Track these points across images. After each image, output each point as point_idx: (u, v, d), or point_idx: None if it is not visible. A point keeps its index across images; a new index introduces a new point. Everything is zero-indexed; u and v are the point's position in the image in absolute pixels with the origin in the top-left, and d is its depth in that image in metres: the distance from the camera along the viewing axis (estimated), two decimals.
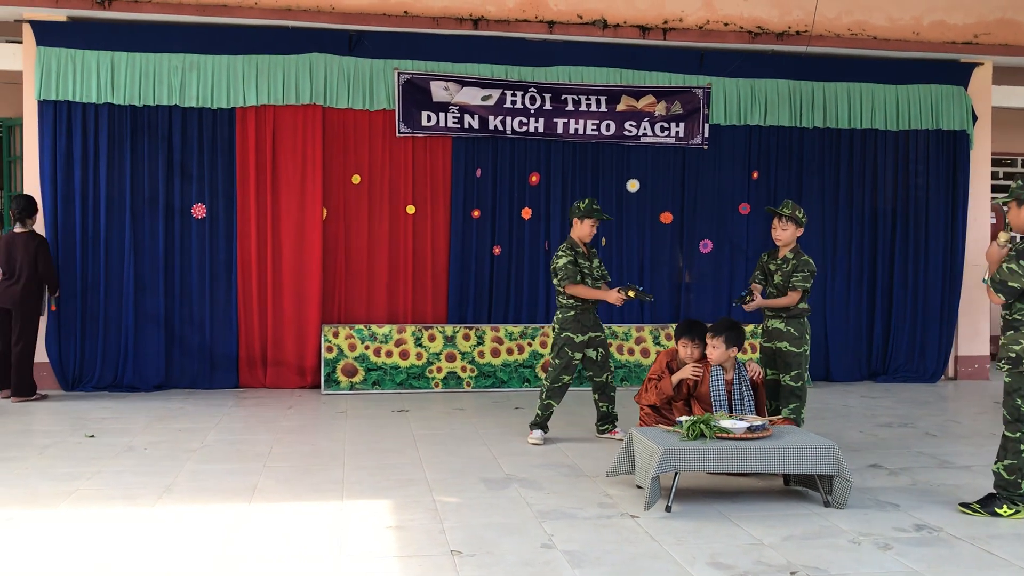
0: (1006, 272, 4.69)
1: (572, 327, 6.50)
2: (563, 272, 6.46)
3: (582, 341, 6.52)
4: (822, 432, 6.38)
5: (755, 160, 9.48)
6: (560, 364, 6.52)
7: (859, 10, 9.32)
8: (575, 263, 6.46)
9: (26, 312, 7.90)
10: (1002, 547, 4.33)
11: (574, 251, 6.53)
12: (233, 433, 6.75)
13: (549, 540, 4.37)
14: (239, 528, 4.52)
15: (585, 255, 6.59)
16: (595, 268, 6.63)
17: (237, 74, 8.48)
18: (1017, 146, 11.75)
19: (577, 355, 6.52)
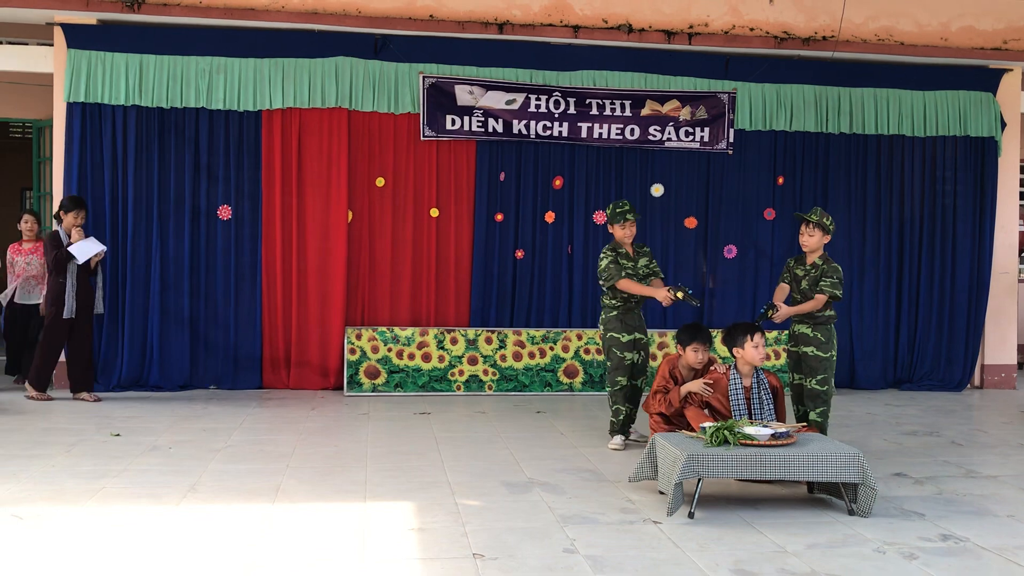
0: None
1: (616, 327, 6.51)
2: (607, 272, 6.49)
3: (629, 340, 6.50)
4: (847, 440, 6.34)
5: (780, 165, 9.44)
6: (612, 366, 6.52)
7: (886, 16, 9.26)
8: (616, 262, 6.49)
9: (44, 311, 8.03)
10: None
11: (615, 252, 6.56)
12: (257, 433, 6.79)
13: (571, 545, 4.36)
14: (262, 528, 4.54)
15: (628, 255, 6.60)
16: (640, 267, 6.62)
17: (263, 77, 8.55)
18: None
19: (628, 354, 6.48)
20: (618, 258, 6.53)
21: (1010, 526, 4.77)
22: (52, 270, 7.74)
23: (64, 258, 7.67)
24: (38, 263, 8.61)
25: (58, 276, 7.70)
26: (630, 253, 6.63)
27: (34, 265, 8.64)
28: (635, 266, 6.59)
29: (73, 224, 7.76)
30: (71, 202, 7.86)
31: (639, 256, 6.67)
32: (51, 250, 7.72)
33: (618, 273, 6.46)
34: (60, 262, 7.67)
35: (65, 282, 7.69)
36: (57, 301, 7.70)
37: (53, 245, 7.73)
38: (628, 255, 6.60)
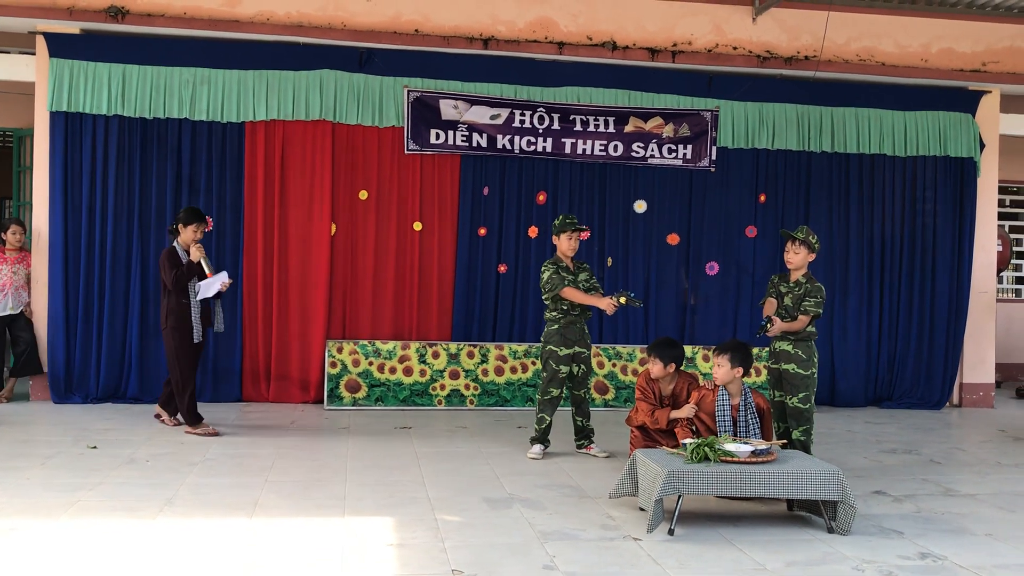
0: None
1: (555, 340, 6.61)
2: (550, 282, 6.59)
3: (567, 355, 6.60)
4: (826, 457, 6.36)
5: (762, 183, 9.50)
6: (547, 377, 6.65)
7: (867, 36, 9.36)
8: (558, 273, 6.58)
9: (165, 336, 7.11)
10: None
11: (556, 265, 6.65)
12: (236, 447, 6.73)
13: (551, 561, 4.34)
14: (239, 543, 4.50)
15: (569, 269, 6.68)
16: (582, 282, 6.70)
17: (247, 89, 8.54)
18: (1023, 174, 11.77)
19: (563, 368, 6.61)
20: (559, 271, 6.62)
21: (988, 545, 4.79)
22: (172, 290, 6.93)
23: (185, 278, 6.92)
24: (24, 272, 8.51)
25: (180, 297, 6.92)
26: (570, 267, 6.71)
27: (20, 275, 8.53)
28: (575, 280, 6.67)
29: (192, 239, 7.01)
30: (190, 215, 7.07)
31: (579, 271, 6.76)
32: (169, 269, 6.89)
33: (561, 282, 6.55)
34: (181, 281, 6.90)
35: (188, 303, 6.95)
36: (182, 324, 6.94)
37: (172, 263, 6.92)
38: (568, 268, 6.69)
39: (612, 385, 8.94)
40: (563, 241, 6.69)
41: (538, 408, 6.69)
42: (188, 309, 6.96)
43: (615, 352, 8.96)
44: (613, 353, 8.95)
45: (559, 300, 6.61)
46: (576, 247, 6.72)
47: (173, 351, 6.98)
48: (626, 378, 8.98)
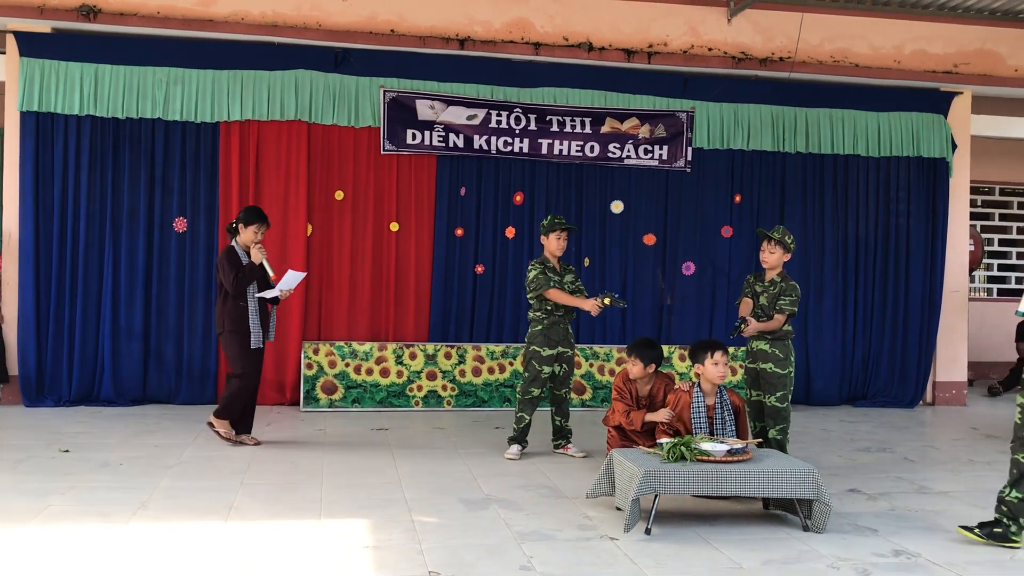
0: None
1: (539, 341, 6.61)
2: (536, 282, 6.60)
3: (550, 355, 6.60)
4: (802, 456, 6.40)
5: (737, 184, 9.54)
6: (528, 377, 6.65)
7: (841, 38, 9.43)
8: (544, 273, 6.59)
9: (224, 340, 6.73)
10: (979, 573, 4.34)
11: (543, 265, 6.66)
12: (210, 449, 6.67)
13: (528, 562, 4.33)
14: (214, 547, 4.46)
15: (556, 270, 6.68)
16: (567, 283, 6.72)
17: (222, 89, 8.48)
18: (995, 175, 11.91)
19: (546, 368, 6.61)
20: (546, 271, 6.63)
21: (961, 541, 4.83)
22: (230, 293, 6.57)
23: (246, 280, 6.59)
24: None
25: (238, 300, 6.59)
26: (557, 268, 6.72)
27: None
28: (561, 281, 6.68)
29: (253, 240, 6.69)
30: (251, 214, 6.76)
31: (565, 272, 6.78)
32: (229, 270, 6.52)
33: (546, 283, 6.57)
34: (242, 284, 6.57)
35: (247, 307, 6.60)
36: (240, 328, 6.59)
37: (232, 264, 6.56)
38: (555, 269, 6.70)
39: (589, 385, 8.95)
40: (551, 241, 6.69)
41: (518, 407, 6.69)
42: (246, 313, 6.62)
43: (592, 352, 8.98)
44: (591, 353, 8.96)
45: (543, 300, 6.62)
46: (564, 247, 6.73)
47: (237, 351, 6.61)
48: (603, 378, 8.99)
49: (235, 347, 6.62)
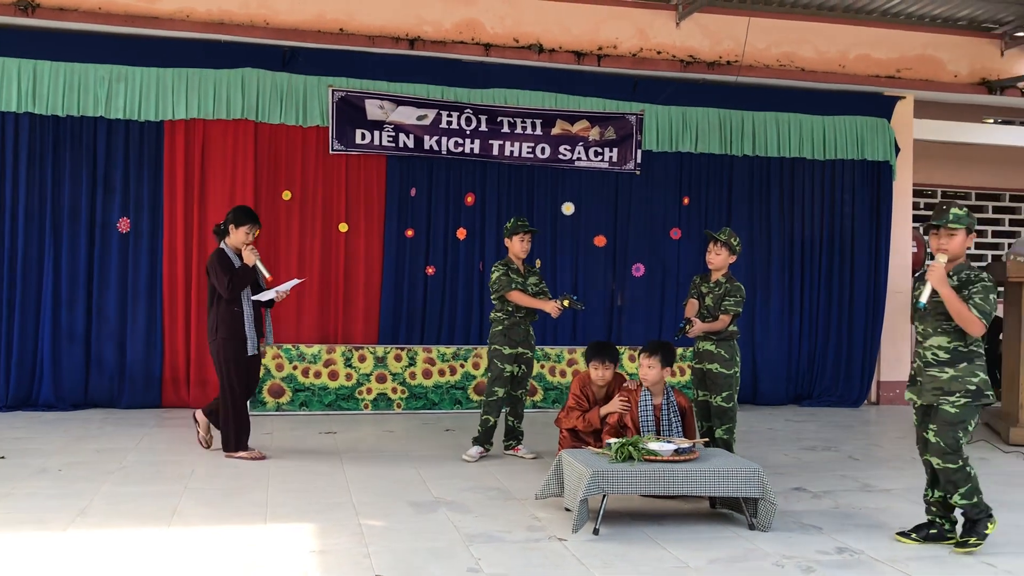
0: (991, 303, 4.54)
1: (500, 340, 6.63)
2: (498, 283, 6.61)
3: (511, 354, 6.61)
4: (748, 455, 6.45)
5: (686, 186, 9.62)
6: (492, 377, 6.64)
7: (788, 42, 9.57)
8: (507, 275, 6.60)
9: (215, 348, 6.38)
10: (920, 569, 4.41)
11: (507, 266, 6.68)
12: (154, 454, 6.55)
13: (476, 564, 4.31)
14: (155, 553, 4.37)
15: (520, 272, 6.70)
16: (531, 285, 6.72)
17: (166, 87, 8.33)
18: (936, 178, 12.14)
19: (508, 366, 6.60)
20: (509, 272, 6.64)
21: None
22: (223, 298, 6.27)
23: (241, 283, 6.28)
24: None
25: (232, 305, 6.28)
26: (521, 269, 6.75)
27: None
28: (524, 283, 6.70)
29: (245, 242, 6.38)
30: (242, 215, 6.44)
31: (529, 274, 6.80)
32: (222, 274, 6.22)
33: (508, 284, 6.58)
34: (237, 288, 6.26)
35: (242, 312, 6.30)
36: (235, 335, 6.29)
37: (224, 267, 6.26)
38: (519, 271, 6.72)
39: (541, 386, 8.95)
40: (515, 243, 6.71)
41: (483, 409, 6.66)
42: (241, 318, 6.29)
43: (544, 354, 8.98)
44: (542, 355, 8.96)
45: (505, 301, 6.64)
46: (528, 248, 6.74)
47: (223, 364, 6.30)
48: (554, 379, 9.00)
49: (228, 354, 6.29)
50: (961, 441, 4.62)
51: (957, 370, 4.62)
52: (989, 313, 4.53)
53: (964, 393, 4.60)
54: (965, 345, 4.63)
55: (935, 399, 4.65)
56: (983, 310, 4.52)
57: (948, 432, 4.62)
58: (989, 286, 4.57)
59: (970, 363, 4.62)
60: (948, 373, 4.63)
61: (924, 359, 4.73)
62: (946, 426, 4.62)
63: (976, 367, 4.62)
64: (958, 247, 4.66)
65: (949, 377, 4.62)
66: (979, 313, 4.51)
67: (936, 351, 4.67)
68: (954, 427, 4.61)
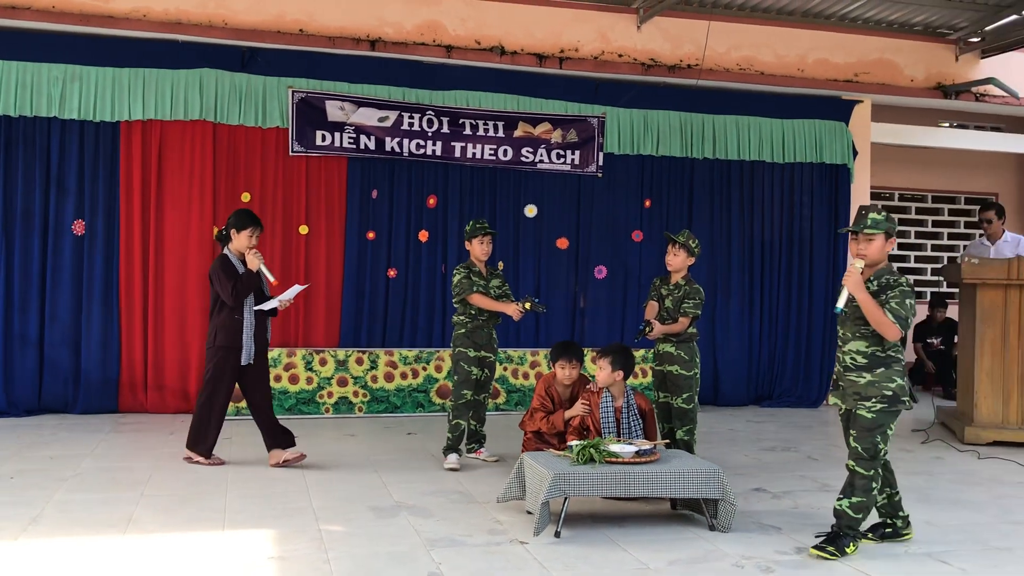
0: (908, 308, 4.48)
1: (463, 343, 6.57)
2: (459, 286, 6.56)
3: (475, 356, 6.56)
4: (709, 456, 6.49)
5: (647, 189, 9.67)
6: (459, 380, 6.55)
7: (747, 46, 9.65)
8: (469, 278, 6.55)
9: (210, 355, 6.27)
10: (876, 568, 4.46)
11: (469, 269, 6.63)
12: (110, 460, 6.44)
13: (437, 568, 4.29)
14: (109, 562, 4.29)
15: (482, 275, 6.66)
16: (493, 287, 6.69)
17: (122, 87, 8.21)
18: (893, 181, 12.34)
19: (474, 369, 6.54)
20: (471, 275, 6.60)
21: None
22: (226, 305, 6.14)
23: (245, 290, 6.13)
24: None
25: (233, 313, 6.13)
26: (483, 272, 6.70)
27: None
28: (487, 285, 6.66)
29: (248, 245, 6.23)
30: (243, 218, 6.28)
31: (492, 277, 6.75)
32: (225, 280, 6.08)
33: (470, 287, 6.54)
34: (241, 295, 6.11)
35: (242, 320, 6.14)
36: (232, 343, 6.14)
37: (228, 274, 6.12)
38: (481, 274, 6.67)
39: (503, 389, 8.94)
40: (475, 246, 6.65)
41: (452, 414, 6.54)
42: (240, 326, 6.15)
43: (507, 356, 8.97)
44: (505, 357, 8.95)
45: (467, 305, 6.58)
46: (488, 251, 6.68)
47: (214, 368, 6.19)
48: (517, 382, 8.99)
49: (220, 362, 6.17)
50: (880, 447, 4.56)
51: (874, 375, 4.56)
52: (905, 318, 4.47)
53: (880, 398, 4.54)
54: (883, 350, 4.56)
55: (854, 404, 4.60)
56: (899, 315, 4.45)
57: (867, 438, 4.56)
58: (907, 291, 4.51)
59: (888, 368, 4.56)
60: (866, 378, 4.57)
61: (844, 363, 4.67)
62: (864, 431, 4.57)
63: (894, 372, 4.56)
64: (876, 252, 4.60)
65: (866, 382, 4.57)
66: (894, 318, 4.44)
67: (855, 356, 4.60)
68: (872, 432, 4.55)
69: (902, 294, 4.50)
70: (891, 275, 4.61)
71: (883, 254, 4.63)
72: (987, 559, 4.65)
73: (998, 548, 4.85)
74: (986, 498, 5.96)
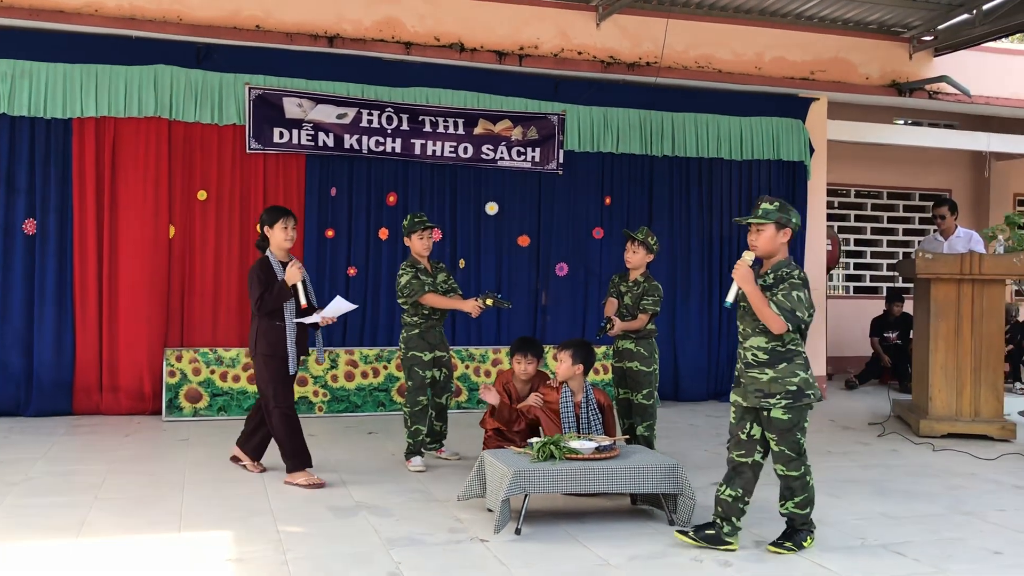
0: (795, 300, 4.38)
1: (417, 345, 6.40)
2: (409, 287, 6.36)
3: (430, 359, 6.43)
4: (669, 451, 6.53)
5: (608, 186, 9.70)
6: (413, 385, 6.40)
7: (706, 44, 9.72)
8: (417, 278, 6.39)
9: (257, 365, 5.88)
10: (833, 560, 4.52)
11: (415, 268, 6.44)
12: (63, 463, 6.32)
13: (396, 568, 4.26)
14: (62, 566, 4.21)
15: (427, 271, 6.51)
16: (440, 283, 6.55)
17: (74, 83, 8.05)
18: (850, 177, 12.52)
19: (428, 373, 6.42)
20: (418, 273, 6.41)
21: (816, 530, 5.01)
22: (265, 311, 5.71)
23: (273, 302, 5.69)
24: None
25: (273, 319, 5.71)
26: (428, 268, 6.52)
27: None
28: (434, 282, 6.49)
29: (285, 239, 5.80)
30: (272, 213, 5.85)
31: (437, 272, 6.59)
32: (255, 287, 5.67)
33: (421, 288, 6.35)
34: (267, 306, 5.69)
35: (284, 326, 5.72)
36: (276, 352, 5.72)
37: (260, 280, 5.68)
38: (426, 270, 6.49)
39: (465, 387, 8.92)
40: (415, 242, 6.47)
41: (410, 420, 6.37)
42: (283, 335, 5.72)
43: (468, 354, 8.95)
44: (467, 355, 8.93)
45: (419, 305, 6.40)
46: (429, 247, 6.52)
47: (268, 381, 5.76)
48: (479, 379, 8.98)
49: (270, 373, 5.76)
50: (802, 444, 4.53)
51: (777, 371, 4.47)
52: (792, 310, 4.36)
53: (785, 395, 4.46)
54: (783, 345, 4.46)
55: (758, 402, 4.51)
56: (783, 307, 4.36)
57: (787, 438, 4.51)
58: (797, 283, 4.40)
59: (790, 363, 4.47)
60: (768, 374, 4.48)
61: (745, 360, 4.56)
62: (784, 433, 4.51)
63: (796, 367, 4.47)
64: (766, 243, 4.48)
65: (769, 379, 4.48)
66: (779, 310, 4.35)
67: (755, 352, 4.51)
68: (791, 432, 4.50)
69: (791, 286, 4.40)
70: (788, 267, 4.49)
71: (775, 245, 4.50)
72: (940, 549, 4.73)
73: (951, 538, 4.93)
74: (940, 490, 6.06)
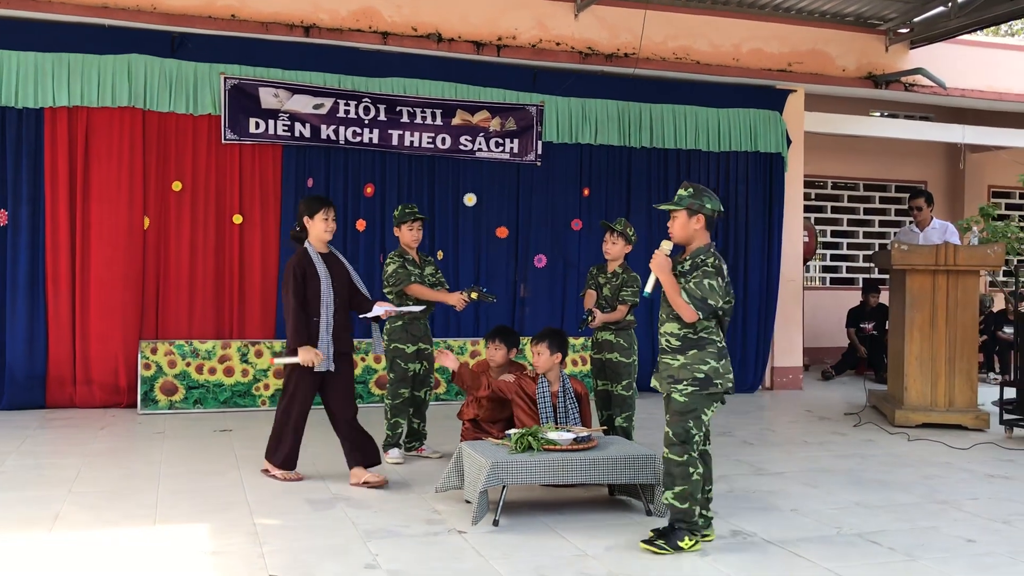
0: (707, 288, 4.31)
1: (400, 338, 6.36)
2: (395, 277, 6.34)
3: (413, 351, 6.39)
4: (647, 442, 6.54)
5: (586, 177, 9.70)
6: (395, 378, 6.36)
7: (684, 36, 9.72)
8: (404, 267, 6.36)
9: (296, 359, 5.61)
10: (808, 550, 4.54)
11: (403, 258, 6.41)
12: (36, 457, 6.25)
13: (373, 560, 4.25)
14: (36, 559, 4.16)
15: (415, 262, 6.48)
16: (428, 276, 6.52)
17: (46, 72, 7.95)
18: (826, 169, 12.58)
19: (411, 366, 6.37)
20: (406, 264, 6.39)
21: (792, 519, 5.05)
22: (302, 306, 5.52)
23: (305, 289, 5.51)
24: None
25: (310, 315, 5.54)
26: (416, 260, 6.49)
27: None
28: (422, 274, 6.47)
29: (326, 229, 5.63)
30: (312, 203, 5.65)
31: (425, 264, 6.56)
32: (289, 282, 5.50)
33: (407, 278, 6.33)
34: (316, 295, 5.52)
35: (320, 321, 5.56)
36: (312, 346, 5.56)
37: (295, 276, 5.51)
38: (415, 262, 6.46)
39: (444, 379, 8.90)
40: (404, 233, 6.42)
41: (390, 413, 6.34)
42: (317, 330, 5.55)
43: (447, 346, 8.93)
44: (445, 347, 8.91)
45: (404, 296, 6.36)
46: (419, 237, 6.47)
47: (292, 374, 5.66)
48: None
49: (297, 366, 5.58)
50: (692, 432, 4.40)
51: (687, 357, 4.41)
52: (702, 299, 4.31)
53: (692, 381, 4.38)
54: (695, 332, 4.41)
55: (669, 388, 4.46)
56: (693, 295, 4.31)
57: (678, 422, 4.40)
58: (710, 271, 4.34)
59: (700, 350, 4.40)
60: (679, 360, 4.43)
61: (660, 346, 4.54)
62: (676, 415, 4.41)
63: (706, 354, 4.39)
64: (679, 230, 4.46)
65: (679, 365, 4.43)
66: (689, 298, 4.31)
67: (669, 338, 4.47)
68: (684, 417, 4.39)
69: (703, 274, 4.35)
70: (704, 255, 4.44)
71: (689, 232, 4.47)
72: (914, 538, 4.76)
73: (925, 527, 4.97)
74: (914, 479, 6.11)
